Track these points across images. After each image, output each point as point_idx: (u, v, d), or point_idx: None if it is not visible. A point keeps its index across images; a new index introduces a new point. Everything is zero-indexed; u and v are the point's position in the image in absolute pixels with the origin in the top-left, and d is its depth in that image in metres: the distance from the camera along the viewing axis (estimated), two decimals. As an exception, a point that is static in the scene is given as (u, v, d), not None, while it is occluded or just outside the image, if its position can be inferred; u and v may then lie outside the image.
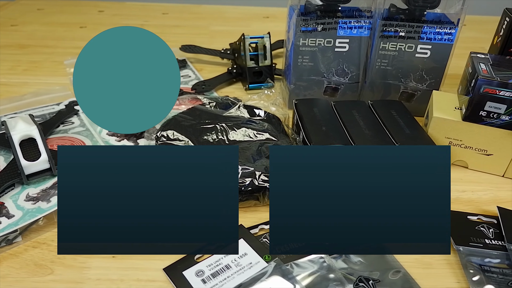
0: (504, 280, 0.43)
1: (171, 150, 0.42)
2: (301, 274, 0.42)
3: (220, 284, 0.41)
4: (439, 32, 0.64)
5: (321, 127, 0.56)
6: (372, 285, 0.42)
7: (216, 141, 0.58)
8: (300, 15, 0.64)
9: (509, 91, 0.53)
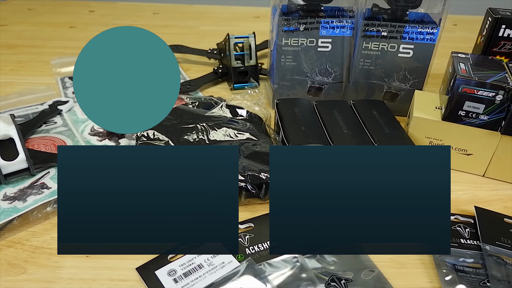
0: (476, 279, 0.43)
1: (171, 150, 0.41)
2: (274, 274, 0.42)
3: (191, 284, 0.41)
4: (421, 32, 0.64)
5: (300, 126, 0.56)
6: (344, 285, 0.42)
7: (196, 141, 0.58)
8: (282, 15, 0.64)
9: (487, 90, 0.53)
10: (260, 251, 0.45)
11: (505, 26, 0.63)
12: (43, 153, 0.56)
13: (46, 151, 0.57)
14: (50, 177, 0.52)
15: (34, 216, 0.48)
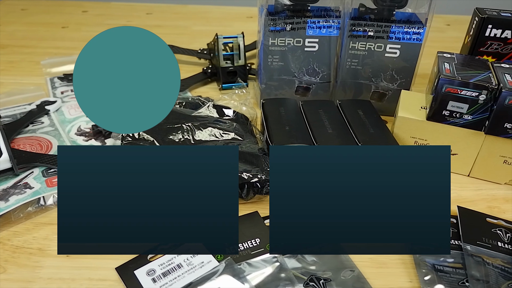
0: (455, 279, 0.43)
1: (171, 150, 0.41)
2: (253, 274, 0.43)
3: (170, 283, 0.41)
4: (408, 31, 0.64)
5: (284, 126, 0.56)
6: (323, 285, 0.42)
7: (181, 141, 0.58)
8: (268, 15, 0.64)
9: (470, 90, 0.53)
10: (241, 251, 0.45)
11: (491, 26, 0.63)
12: (28, 153, 0.56)
13: (31, 151, 0.57)
14: (34, 177, 0.53)
15: (16, 215, 0.48)
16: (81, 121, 0.66)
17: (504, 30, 0.63)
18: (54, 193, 0.50)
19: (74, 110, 0.69)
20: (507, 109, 0.51)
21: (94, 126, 0.64)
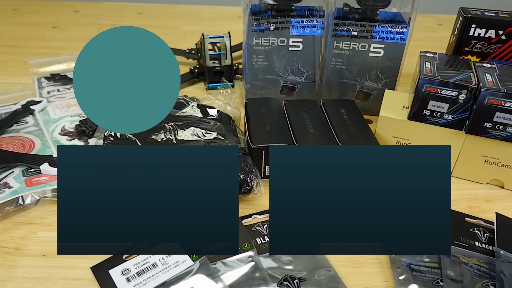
0: (430, 279, 0.43)
1: (171, 150, 0.41)
2: (228, 273, 0.42)
3: (143, 283, 0.41)
4: (391, 31, 0.64)
5: (265, 126, 0.56)
6: (297, 284, 0.42)
7: (164, 141, 0.59)
8: (251, 15, 0.64)
9: (450, 90, 0.52)
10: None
11: (475, 25, 0.63)
12: (9, 152, 0.56)
13: (13, 151, 0.57)
14: (14, 177, 0.53)
15: (-6, 215, 0.48)
16: (66, 121, 0.66)
17: (488, 30, 0.63)
18: (33, 193, 0.50)
19: (59, 110, 0.69)
20: (486, 109, 0.51)
21: (78, 125, 0.64)
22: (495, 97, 0.50)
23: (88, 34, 1.02)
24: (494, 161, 0.55)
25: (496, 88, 0.51)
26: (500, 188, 0.57)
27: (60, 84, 0.77)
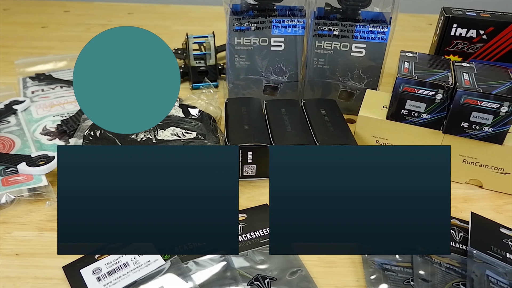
0: (401, 278, 0.43)
1: (171, 150, 0.41)
2: (199, 272, 0.43)
3: (114, 282, 0.41)
4: (372, 31, 0.64)
5: (243, 126, 0.56)
6: (267, 284, 0.42)
7: (143, 140, 0.59)
8: (232, 14, 0.64)
9: (427, 89, 0.52)
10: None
11: (456, 25, 0.64)
12: (-12, 152, 0.56)
13: (-8, 151, 0.57)
14: (-9, 176, 0.53)
15: (-31, 214, 0.48)
16: (47, 121, 0.66)
17: (469, 29, 0.63)
18: (8, 192, 0.50)
19: (42, 109, 0.69)
20: (463, 108, 0.51)
21: (59, 125, 0.64)
22: (471, 97, 0.50)
23: (77, 34, 1.02)
24: (472, 161, 0.55)
25: (472, 87, 0.51)
26: (478, 187, 0.57)
27: (45, 84, 0.77)
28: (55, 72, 0.81)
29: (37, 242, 0.46)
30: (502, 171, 0.54)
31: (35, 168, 0.53)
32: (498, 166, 0.54)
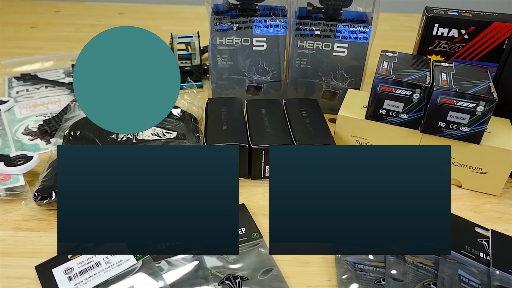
0: (373, 278, 0.43)
1: (171, 150, 0.42)
2: (170, 272, 0.43)
3: (85, 281, 0.41)
4: (354, 30, 0.64)
5: (222, 125, 0.56)
6: (238, 283, 0.42)
7: (124, 140, 0.59)
8: (214, 14, 0.64)
9: (404, 89, 0.52)
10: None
11: (438, 24, 0.64)
12: (-33, 152, 0.56)
13: (-28, 150, 0.57)
14: (-32, 176, 0.53)
15: None
16: (30, 121, 0.66)
17: (450, 29, 0.63)
18: (-16, 192, 0.51)
19: (26, 109, 0.69)
20: (439, 108, 0.51)
21: (41, 125, 0.64)
22: (447, 96, 0.50)
23: (66, 34, 1.02)
24: (451, 161, 0.55)
25: (448, 87, 0.51)
26: (458, 187, 0.57)
27: (30, 84, 0.77)
28: (41, 72, 0.81)
29: (12, 242, 0.47)
30: (480, 171, 0.54)
31: (13, 168, 0.53)
32: (476, 165, 0.54)
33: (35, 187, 0.50)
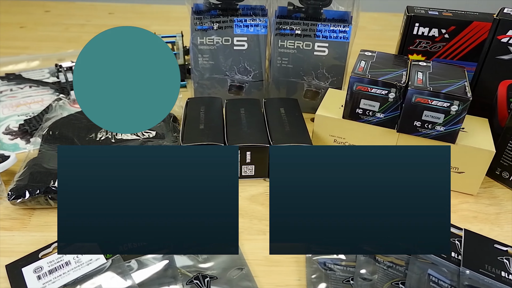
0: (342, 277, 0.43)
1: (171, 150, 0.42)
2: (140, 271, 0.43)
3: (53, 280, 0.41)
4: (334, 30, 0.64)
5: (199, 125, 0.56)
6: (207, 283, 0.42)
7: (102, 140, 0.59)
8: (193, 14, 0.64)
9: (380, 88, 0.52)
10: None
11: (418, 24, 0.63)
12: None
13: (-49, 150, 0.58)
14: None
15: None
16: (12, 120, 0.66)
17: (431, 29, 0.63)
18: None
19: (8, 109, 0.69)
20: (414, 107, 0.51)
21: (21, 125, 0.64)
22: (421, 96, 0.50)
23: (54, 34, 1.02)
24: (428, 160, 0.55)
25: (423, 86, 0.51)
26: (435, 187, 0.57)
27: (14, 83, 0.77)
28: (26, 72, 0.81)
29: (-16, 241, 0.47)
30: (456, 170, 0.54)
31: (-11, 167, 0.53)
32: (452, 165, 0.54)
33: (9, 186, 0.50)
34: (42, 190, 0.49)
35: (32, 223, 0.49)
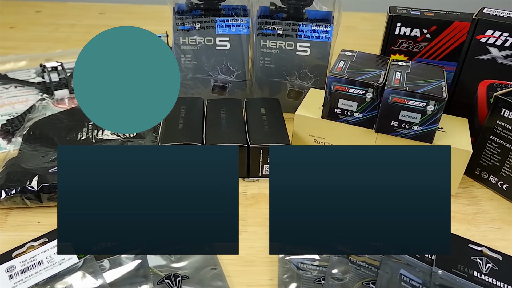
0: (314, 277, 0.43)
1: (171, 150, 0.42)
2: (112, 270, 0.43)
3: (25, 280, 0.42)
4: (316, 30, 0.64)
5: (178, 125, 0.57)
6: (178, 282, 0.42)
7: (83, 140, 0.59)
8: (175, 14, 0.64)
9: (357, 88, 0.52)
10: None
11: (400, 24, 0.63)
12: None
13: None
14: None
15: None
16: (-5, 120, 0.66)
17: (413, 28, 0.63)
18: None
19: (-8, 109, 0.69)
20: (391, 107, 0.51)
21: (4, 125, 0.64)
22: (398, 95, 0.50)
23: (44, 34, 1.02)
24: (406, 160, 0.55)
25: (399, 86, 0.51)
26: (414, 187, 0.57)
27: (0, 83, 0.77)
28: (13, 72, 0.81)
29: (-40, 241, 0.47)
30: (435, 170, 0.54)
31: (-33, 167, 0.53)
32: (430, 165, 0.54)
33: (-14, 186, 0.50)
34: (18, 190, 0.49)
35: (8, 223, 0.49)
